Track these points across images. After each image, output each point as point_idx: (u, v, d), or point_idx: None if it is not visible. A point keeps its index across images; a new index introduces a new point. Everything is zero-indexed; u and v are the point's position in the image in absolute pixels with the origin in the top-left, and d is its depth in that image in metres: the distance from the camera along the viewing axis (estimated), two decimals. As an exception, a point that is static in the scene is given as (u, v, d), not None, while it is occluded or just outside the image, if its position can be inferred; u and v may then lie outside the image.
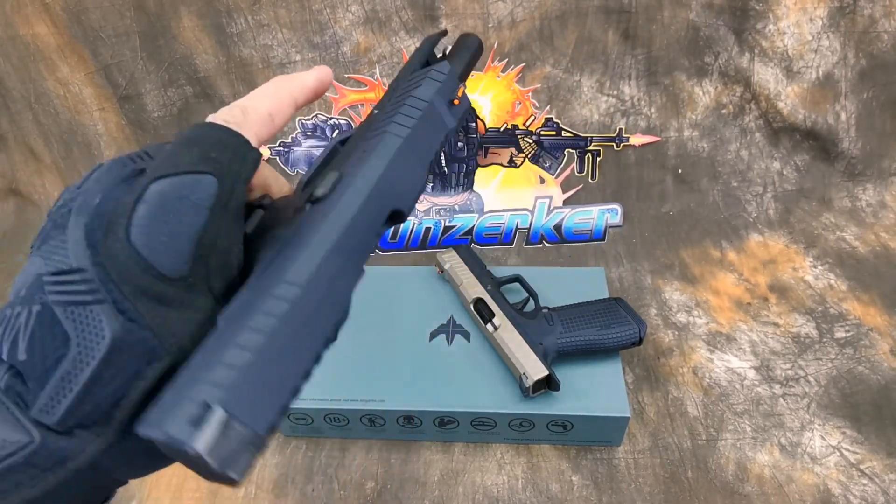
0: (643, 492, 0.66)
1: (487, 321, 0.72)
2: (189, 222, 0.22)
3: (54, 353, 0.20)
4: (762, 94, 0.98)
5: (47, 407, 0.20)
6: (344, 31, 0.93)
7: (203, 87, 0.97)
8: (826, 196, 1.02)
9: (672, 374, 0.77)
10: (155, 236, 0.21)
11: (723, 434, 0.70)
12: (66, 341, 0.20)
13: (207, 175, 0.22)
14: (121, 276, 0.21)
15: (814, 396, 0.74)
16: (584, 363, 0.69)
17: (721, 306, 0.86)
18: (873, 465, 0.67)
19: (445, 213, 1.03)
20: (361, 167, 0.26)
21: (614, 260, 0.95)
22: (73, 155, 1.03)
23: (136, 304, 0.21)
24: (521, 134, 1.01)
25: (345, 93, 0.97)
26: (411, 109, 0.29)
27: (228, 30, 0.92)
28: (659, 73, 0.97)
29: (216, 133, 0.24)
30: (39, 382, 0.20)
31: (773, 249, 0.95)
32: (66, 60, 0.95)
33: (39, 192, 1.07)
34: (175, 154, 0.23)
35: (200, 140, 0.23)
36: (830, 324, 0.82)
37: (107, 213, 0.21)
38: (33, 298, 0.21)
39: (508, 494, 0.66)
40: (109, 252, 0.21)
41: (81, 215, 0.22)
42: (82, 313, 0.20)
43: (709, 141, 1.01)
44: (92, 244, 0.21)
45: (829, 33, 0.95)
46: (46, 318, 0.21)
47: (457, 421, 0.68)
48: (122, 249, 0.21)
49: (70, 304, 0.20)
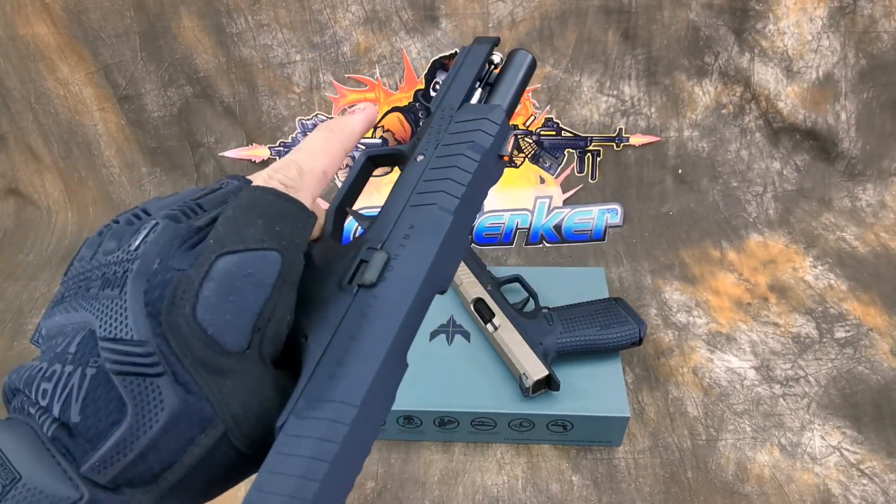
0: (643, 492, 0.66)
1: (487, 321, 0.72)
2: (253, 300, 0.22)
3: (109, 417, 0.21)
4: (762, 94, 0.98)
5: (99, 468, 0.20)
6: (344, 31, 0.93)
7: (203, 87, 0.97)
8: (826, 196, 1.02)
9: (672, 374, 0.77)
10: (221, 315, 0.21)
11: (723, 434, 0.70)
12: (122, 407, 0.21)
13: (273, 252, 0.22)
14: (182, 350, 0.21)
15: (814, 396, 0.74)
16: (584, 363, 0.69)
17: (721, 306, 0.86)
18: (873, 465, 0.67)
19: (445, 213, 1.03)
20: (412, 253, 0.25)
21: (614, 260, 0.95)
22: (73, 155, 1.03)
23: (195, 377, 0.21)
24: (521, 134, 1.01)
25: (345, 93, 0.97)
26: (462, 174, 0.28)
27: (228, 30, 0.92)
28: (659, 73, 0.97)
29: (278, 202, 0.24)
30: (92, 444, 0.21)
31: (773, 249, 0.95)
32: (66, 60, 0.95)
33: (39, 192, 1.07)
34: (239, 225, 0.22)
35: (263, 210, 0.23)
36: (830, 324, 0.82)
37: (168, 283, 0.21)
38: (87, 360, 0.21)
39: (508, 494, 0.66)
40: (172, 325, 0.21)
41: (140, 282, 0.21)
42: (142, 384, 0.21)
43: (709, 141, 1.01)
44: (153, 314, 0.21)
45: (829, 33, 0.95)
46: (102, 382, 0.21)
47: (457, 421, 0.68)
48: (186, 325, 0.21)
49: (129, 374, 0.21)
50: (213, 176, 1.04)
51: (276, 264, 0.22)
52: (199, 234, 0.23)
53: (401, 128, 1.00)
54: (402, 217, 0.27)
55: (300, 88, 0.97)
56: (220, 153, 1.02)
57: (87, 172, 1.04)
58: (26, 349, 0.86)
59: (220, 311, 0.21)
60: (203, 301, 0.21)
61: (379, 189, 1.04)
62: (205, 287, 0.21)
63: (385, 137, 1.01)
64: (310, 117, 0.99)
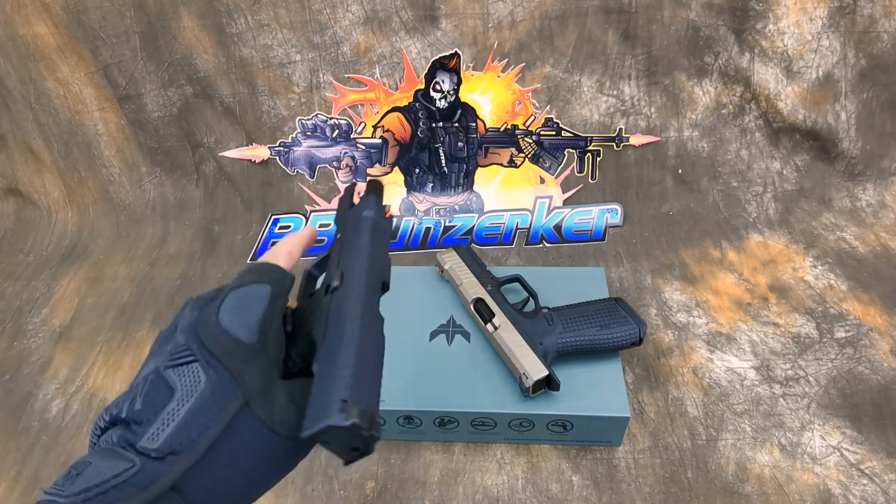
0: (643, 492, 0.66)
1: (487, 321, 0.72)
2: (255, 311, 0.33)
3: (161, 400, 0.30)
4: (762, 94, 0.98)
5: (152, 437, 0.28)
6: (344, 31, 0.93)
7: (203, 87, 0.97)
8: (826, 196, 1.02)
9: (672, 374, 0.77)
10: (234, 318, 0.32)
11: (723, 434, 0.70)
12: (171, 392, 0.30)
13: (264, 284, 0.34)
14: (212, 344, 0.31)
15: (814, 396, 0.74)
16: (584, 363, 0.69)
17: (721, 306, 0.86)
18: (873, 465, 0.67)
19: (445, 213, 1.03)
20: (353, 260, 0.39)
21: (614, 260, 0.95)
22: (73, 155, 1.03)
23: (222, 361, 0.30)
24: (521, 134, 1.01)
25: (345, 93, 0.97)
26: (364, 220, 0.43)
27: (228, 30, 0.93)
28: (659, 73, 0.97)
29: (264, 265, 0.37)
30: (148, 422, 0.29)
31: (773, 249, 0.95)
32: (66, 60, 0.95)
33: (39, 192, 1.07)
34: (242, 276, 0.35)
35: (257, 268, 0.36)
36: (830, 324, 0.82)
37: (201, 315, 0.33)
38: (147, 375, 0.31)
39: (508, 494, 0.66)
40: (205, 331, 0.32)
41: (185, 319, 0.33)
42: (186, 370, 0.30)
43: (709, 141, 1.01)
44: (193, 330, 0.32)
45: (829, 33, 0.95)
46: (158, 379, 0.31)
47: (457, 421, 0.68)
48: (213, 327, 0.32)
49: (178, 365, 0.31)
50: (213, 176, 1.04)
51: (267, 290, 0.34)
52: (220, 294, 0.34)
53: (400, 128, 1.00)
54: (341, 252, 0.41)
55: (300, 88, 0.97)
56: (220, 153, 1.02)
57: (87, 172, 1.04)
58: (26, 349, 0.86)
59: (234, 317, 0.32)
60: (223, 313, 0.32)
61: (379, 189, 1.04)
62: (223, 305, 0.33)
63: (385, 137, 1.01)
64: (310, 117, 0.99)
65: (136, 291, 0.94)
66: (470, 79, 0.97)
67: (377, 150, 1.02)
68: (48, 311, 0.92)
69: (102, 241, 1.04)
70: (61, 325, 0.89)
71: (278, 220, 1.03)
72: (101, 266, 0.99)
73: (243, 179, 1.03)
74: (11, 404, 0.78)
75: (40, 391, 0.80)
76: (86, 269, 0.99)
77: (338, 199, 0.49)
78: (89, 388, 0.80)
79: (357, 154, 1.02)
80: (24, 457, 0.73)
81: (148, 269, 0.98)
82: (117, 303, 0.92)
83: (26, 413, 0.77)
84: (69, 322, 0.90)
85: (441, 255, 0.82)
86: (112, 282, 0.96)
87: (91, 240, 1.04)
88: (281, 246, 0.41)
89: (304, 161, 1.02)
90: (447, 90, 0.97)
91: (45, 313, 0.91)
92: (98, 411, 0.76)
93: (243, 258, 0.99)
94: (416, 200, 1.04)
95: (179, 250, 1.01)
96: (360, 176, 1.03)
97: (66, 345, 0.86)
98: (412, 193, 1.04)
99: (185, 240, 1.03)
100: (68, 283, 0.96)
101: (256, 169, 1.02)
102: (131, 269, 0.98)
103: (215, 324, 0.32)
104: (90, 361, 0.83)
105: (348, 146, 1.01)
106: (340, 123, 1.00)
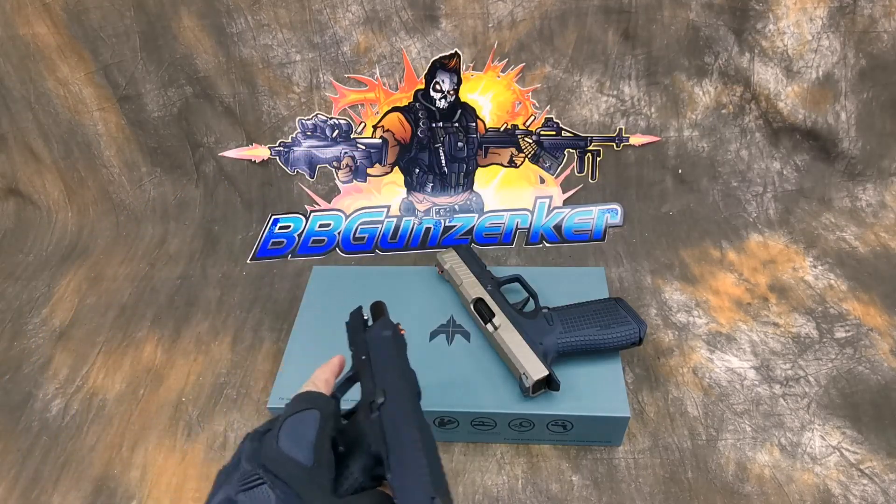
0: (643, 492, 0.66)
1: (487, 321, 0.72)
2: (309, 434, 0.38)
3: None
4: (762, 94, 0.98)
5: None
6: (344, 31, 0.93)
7: (203, 87, 0.97)
8: (826, 196, 1.02)
9: (672, 374, 0.77)
10: (292, 442, 0.37)
11: (723, 434, 0.70)
12: None
13: (313, 410, 0.40)
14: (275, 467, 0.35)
15: (814, 396, 0.74)
16: (584, 363, 0.69)
17: (721, 306, 0.86)
18: (873, 465, 0.67)
19: (445, 213, 1.03)
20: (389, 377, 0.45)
21: (614, 260, 0.95)
22: (73, 155, 1.03)
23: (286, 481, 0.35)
24: (521, 134, 1.01)
25: (345, 93, 0.97)
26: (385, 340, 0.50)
27: (228, 30, 0.92)
28: (659, 73, 0.97)
29: (308, 393, 0.42)
30: None
31: (773, 249, 0.95)
32: (66, 60, 0.95)
33: (39, 192, 1.07)
34: (292, 405, 0.40)
35: (304, 397, 0.42)
36: (830, 324, 0.82)
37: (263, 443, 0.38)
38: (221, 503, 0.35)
39: (508, 494, 0.66)
40: (268, 456, 0.36)
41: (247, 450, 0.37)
42: (256, 492, 0.34)
43: (709, 141, 1.01)
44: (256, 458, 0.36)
45: (829, 33, 0.95)
46: None
47: (457, 421, 0.68)
48: (274, 452, 0.36)
49: (248, 489, 0.34)
50: (213, 176, 1.04)
51: (317, 414, 0.39)
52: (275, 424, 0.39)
53: (400, 128, 1.00)
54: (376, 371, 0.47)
55: (300, 88, 0.97)
56: (220, 153, 1.02)
57: (87, 172, 1.04)
58: (26, 349, 0.86)
59: (291, 441, 0.37)
60: (281, 439, 0.37)
61: (380, 189, 1.04)
62: (281, 432, 0.38)
63: (385, 137, 1.01)
64: (310, 117, 0.99)
65: (136, 291, 0.94)
66: (470, 79, 0.97)
67: (377, 150, 1.02)
68: (48, 311, 0.92)
69: (102, 241, 1.04)
70: (61, 325, 0.89)
71: (278, 220, 1.03)
72: (101, 266, 0.99)
73: (243, 179, 1.03)
74: (11, 404, 0.78)
75: (40, 391, 0.80)
76: (86, 269, 0.99)
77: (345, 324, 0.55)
78: (89, 388, 0.80)
79: (357, 154, 1.02)
80: (24, 457, 0.73)
81: (148, 268, 0.98)
82: (117, 303, 0.92)
83: (26, 413, 0.77)
84: (69, 322, 0.90)
85: (441, 255, 0.82)
86: (112, 282, 0.96)
87: (91, 240, 1.04)
88: (318, 375, 0.47)
89: (304, 161, 1.02)
90: (447, 90, 0.97)
91: (45, 313, 0.91)
92: (98, 411, 0.77)
93: (243, 258, 0.99)
94: (416, 200, 1.04)
95: (179, 250, 1.01)
96: (360, 176, 1.03)
97: (66, 345, 0.86)
98: (412, 193, 1.04)
99: (185, 240, 1.03)
100: (68, 283, 0.96)
101: (256, 169, 1.02)
102: (131, 269, 0.98)
103: (276, 449, 0.36)
104: (90, 361, 0.83)
105: (348, 146, 1.01)
106: (340, 123, 1.00)
